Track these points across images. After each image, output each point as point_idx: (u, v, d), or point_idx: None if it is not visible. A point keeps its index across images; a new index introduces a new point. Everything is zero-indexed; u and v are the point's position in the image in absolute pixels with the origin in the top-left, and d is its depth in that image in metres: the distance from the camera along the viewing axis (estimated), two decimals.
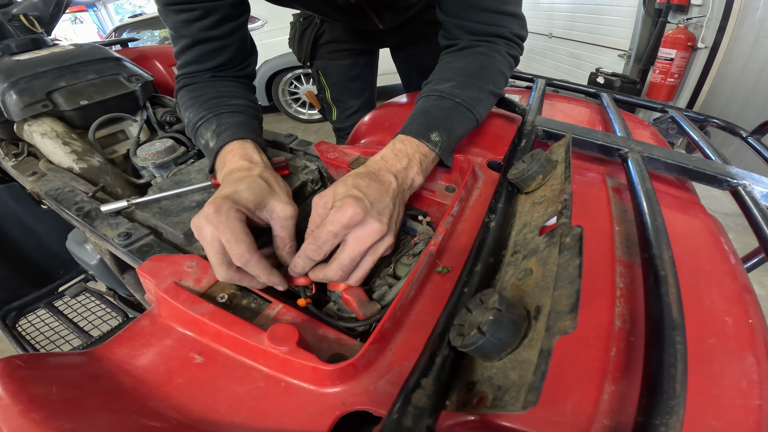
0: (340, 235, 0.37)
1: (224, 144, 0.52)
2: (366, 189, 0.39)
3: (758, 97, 2.23)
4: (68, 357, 0.33)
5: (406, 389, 0.26)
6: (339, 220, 0.37)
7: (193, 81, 0.61)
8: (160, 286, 0.37)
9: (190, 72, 0.62)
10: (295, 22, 1.09)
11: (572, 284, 0.23)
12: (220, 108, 0.57)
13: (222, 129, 0.54)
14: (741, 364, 0.31)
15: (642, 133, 0.73)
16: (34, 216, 1.11)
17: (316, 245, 0.37)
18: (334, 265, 0.37)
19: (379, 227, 0.37)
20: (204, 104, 0.58)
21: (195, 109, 0.58)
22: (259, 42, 0.68)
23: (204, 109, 0.57)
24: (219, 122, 0.55)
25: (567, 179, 0.37)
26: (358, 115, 1.16)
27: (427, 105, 0.53)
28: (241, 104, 0.60)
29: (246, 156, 0.50)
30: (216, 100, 0.58)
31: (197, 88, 0.61)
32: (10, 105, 0.76)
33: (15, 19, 1.04)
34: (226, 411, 0.29)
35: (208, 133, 0.55)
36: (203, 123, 0.56)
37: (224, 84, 0.62)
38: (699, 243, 0.44)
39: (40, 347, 1.05)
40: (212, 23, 0.57)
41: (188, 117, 0.59)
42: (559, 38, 3.75)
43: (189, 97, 0.60)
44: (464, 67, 0.58)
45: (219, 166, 0.52)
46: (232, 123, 0.55)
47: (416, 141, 0.48)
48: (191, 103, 0.59)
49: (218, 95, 0.59)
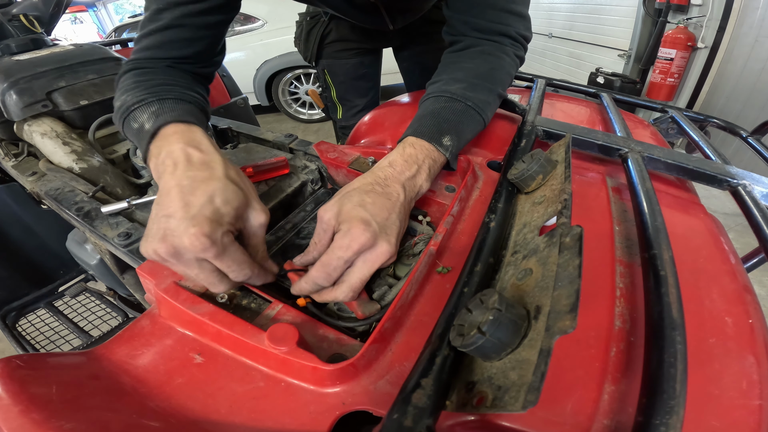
0: (349, 261, 0.36)
1: (164, 124, 0.42)
2: (373, 207, 0.38)
3: (758, 97, 2.23)
4: (68, 357, 0.33)
5: (406, 389, 0.26)
6: (349, 247, 0.35)
7: (145, 66, 0.53)
8: (160, 286, 0.37)
9: (147, 57, 0.54)
10: (302, 21, 1.10)
11: (572, 284, 0.23)
12: (167, 94, 0.48)
13: (163, 111, 0.45)
14: (741, 364, 0.31)
15: (642, 133, 0.73)
16: (34, 216, 1.11)
17: (325, 273, 0.36)
18: (345, 287, 0.36)
19: (388, 249, 0.37)
20: (149, 89, 0.48)
21: (135, 93, 0.48)
22: (259, 42, 0.68)
23: (146, 93, 0.47)
24: (161, 105, 0.46)
25: (567, 179, 0.37)
26: (364, 113, 1.17)
27: (438, 106, 0.52)
28: (191, 95, 0.51)
29: (193, 142, 0.40)
30: (164, 87, 0.49)
31: (147, 73, 0.52)
32: (10, 105, 0.76)
33: (15, 19, 1.04)
34: (226, 411, 0.29)
35: (144, 115, 0.45)
36: (141, 106, 0.46)
37: (181, 74, 0.54)
38: (699, 243, 0.44)
39: (40, 347, 1.05)
40: (199, 10, 0.53)
41: (123, 100, 0.48)
42: (559, 38, 3.75)
43: (134, 81, 0.50)
44: (474, 68, 0.56)
45: (155, 151, 0.42)
46: (178, 107, 0.46)
47: (428, 144, 0.47)
48: (134, 86, 0.49)
49: (169, 82, 0.51)
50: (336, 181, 0.61)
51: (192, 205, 0.34)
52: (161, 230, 0.34)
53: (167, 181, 0.36)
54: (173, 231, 0.33)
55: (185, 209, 0.34)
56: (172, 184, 0.36)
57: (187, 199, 0.34)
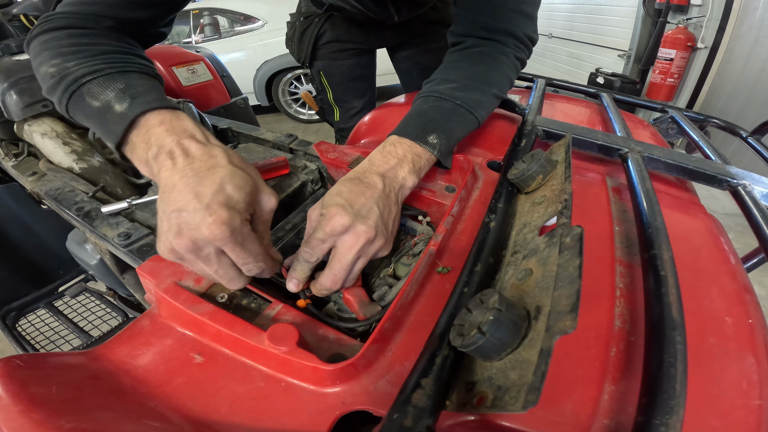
0: (328, 242, 0.38)
1: (146, 110, 0.39)
2: (348, 194, 0.39)
3: (758, 97, 2.24)
4: (68, 357, 0.33)
5: (406, 389, 0.26)
6: (324, 229, 0.37)
7: (83, 25, 0.44)
8: (160, 286, 0.37)
9: (86, 13, 0.45)
10: (294, 21, 1.08)
11: (572, 284, 0.23)
12: (126, 65, 0.43)
13: (136, 92, 0.40)
14: (741, 364, 0.31)
15: (642, 133, 0.73)
16: (34, 216, 1.11)
17: (309, 249, 0.38)
18: (327, 272, 0.38)
19: (365, 230, 0.37)
20: (98, 56, 0.42)
21: (79, 59, 0.41)
22: (259, 42, 0.67)
23: (100, 62, 0.41)
24: (128, 82, 0.41)
25: (567, 179, 0.37)
26: (361, 115, 1.17)
27: (425, 106, 0.52)
28: (150, 66, 0.46)
29: (186, 133, 0.37)
30: (118, 55, 0.43)
31: (86, 35, 0.44)
32: (10, 105, 0.76)
33: (15, 19, 1.04)
34: (226, 411, 0.29)
35: (108, 93, 0.40)
36: (97, 78, 0.40)
37: (128, 40, 0.48)
38: (699, 243, 0.44)
39: (40, 347, 1.05)
40: None
41: (62, 67, 0.41)
42: (559, 38, 3.76)
43: (71, 42, 0.43)
44: (468, 69, 0.56)
45: (137, 143, 0.39)
46: (151, 86, 0.42)
47: (409, 141, 0.47)
48: (74, 50, 0.42)
49: (120, 50, 0.45)
50: (336, 181, 0.61)
51: (203, 195, 0.32)
52: (175, 225, 0.32)
53: (168, 177, 0.34)
54: (189, 223, 0.31)
55: (197, 200, 0.32)
56: (176, 178, 0.34)
57: (196, 190, 0.32)
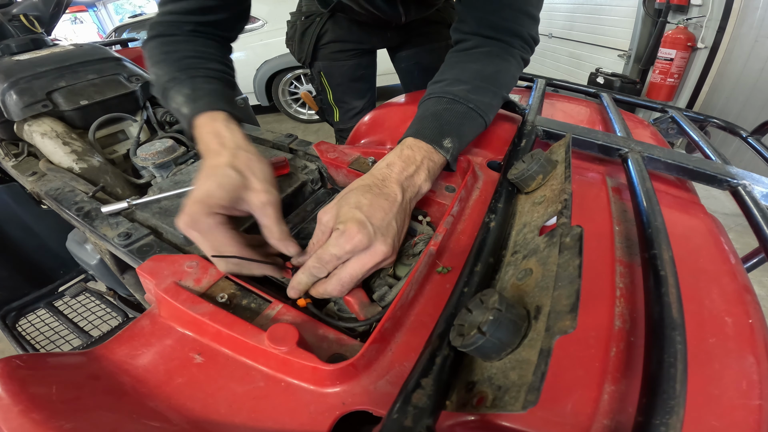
0: (343, 259, 0.37)
1: (197, 114, 0.49)
2: (369, 209, 0.38)
3: (758, 97, 2.23)
4: (68, 357, 0.33)
5: (406, 389, 0.26)
6: (343, 246, 0.36)
7: (170, 32, 0.57)
8: (160, 286, 0.37)
9: (171, 21, 0.57)
10: (295, 21, 1.07)
11: (572, 284, 0.23)
12: (196, 70, 0.54)
13: (197, 96, 0.51)
14: (741, 364, 0.31)
15: (642, 133, 0.73)
16: (34, 216, 1.11)
17: (319, 264, 0.38)
18: (334, 280, 0.37)
19: (383, 251, 0.37)
20: (176, 62, 0.54)
21: (166, 67, 0.54)
22: (259, 42, 0.68)
23: (176, 69, 0.53)
24: (193, 86, 0.52)
25: (567, 179, 0.37)
26: (361, 116, 1.16)
27: (439, 108, 0.51)
28: (217, 69, 0.56)
29: (215, 133, 0.47)
30: (190, 60, 0.55)
31: (171, 42, 0.57)
32: (10, 105, 0.76)
33: (15, 19, 1.04)
34: (226, 411, 0.29)
35: (179, 97, 0.52)
36: (175, 86, 0.52)
37: (203, 43, 0.58)
38: (699, 243, 0.44)
39: (40, 347, 1.05)
40: None
41: (157, 74, 0.55)
42: (559, 38, 3.75)
43: (161, 51, 0.56)
44: (480, 70, 0.55)
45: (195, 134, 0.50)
46: (208, 90, 0.52)
47: (426, 146, 0.46)
48: (162, 58, 0.55)
49: (194, 55, 0.56)
50: (336, 181, 0.61)
51: (197, 189, 0.40)
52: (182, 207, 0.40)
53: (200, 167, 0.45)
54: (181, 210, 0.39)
55: (194, 192, 0.40)
56: (201, 170, 0.43)
57: (198, 184, 0.41)
